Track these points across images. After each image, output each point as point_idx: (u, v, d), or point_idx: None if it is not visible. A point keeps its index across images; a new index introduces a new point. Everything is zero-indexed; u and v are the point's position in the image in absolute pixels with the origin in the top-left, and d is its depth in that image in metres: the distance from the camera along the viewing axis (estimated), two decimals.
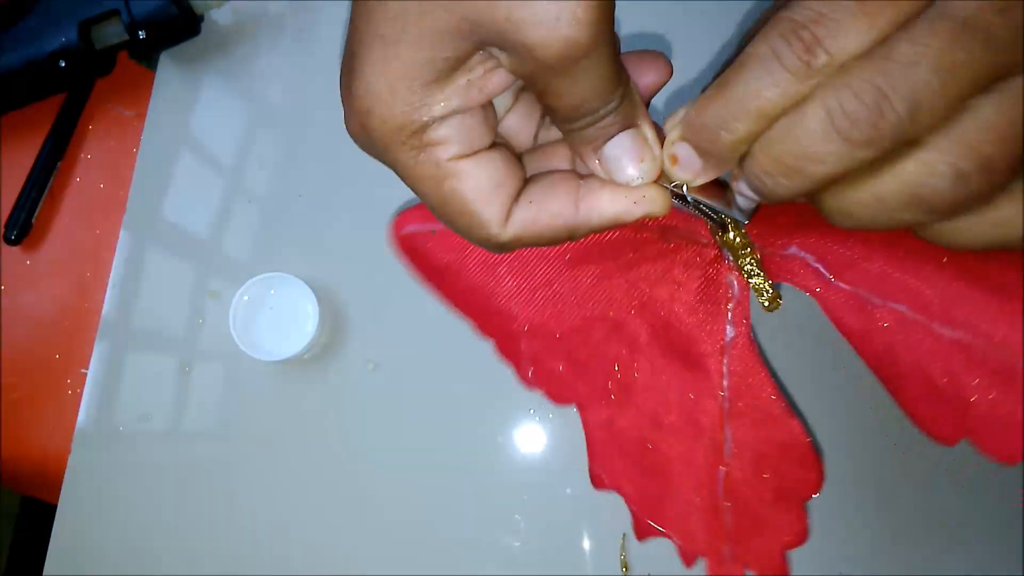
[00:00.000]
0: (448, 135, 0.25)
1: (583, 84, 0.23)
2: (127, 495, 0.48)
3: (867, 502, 0.46)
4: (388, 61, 0.23)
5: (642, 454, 0.39)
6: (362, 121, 0.25)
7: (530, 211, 0.26)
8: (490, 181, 0.26)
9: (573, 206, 0.26)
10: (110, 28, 0.50)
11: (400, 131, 0.24)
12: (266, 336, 0.47)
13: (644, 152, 0.25)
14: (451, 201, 0.25)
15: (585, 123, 0.25)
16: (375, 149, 0.26)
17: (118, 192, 0.53)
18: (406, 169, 0.25)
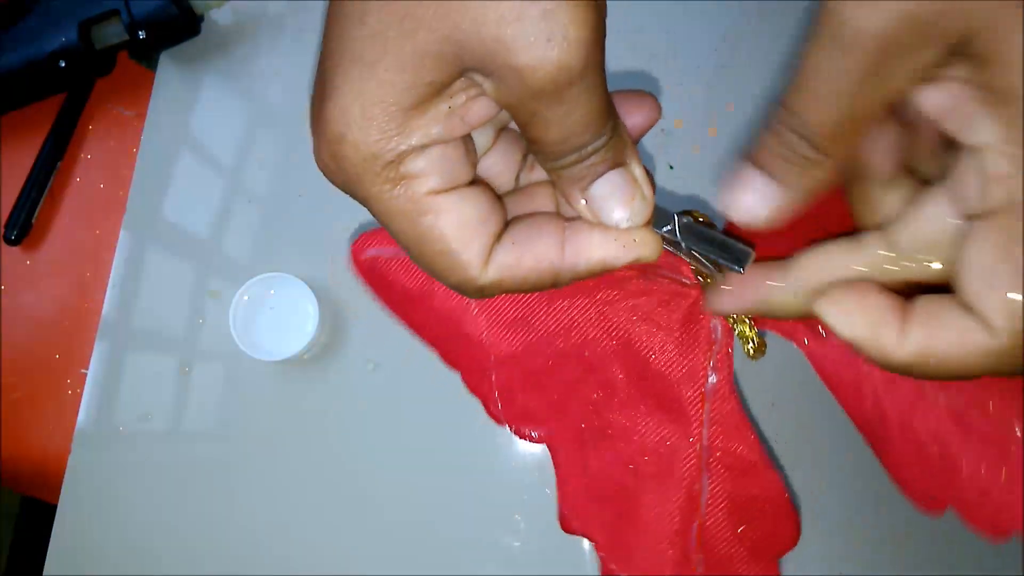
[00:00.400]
0: (426, 168, 0.23)
1: (572, 114, 0.22)
2: (127, 495, 0.48)
3: (867, 502, 0.46)
4: (364, 83, 0.22)
5: (615, 500, 0.37)
6: (333, 149, 0.23)
7: (512, 253, 0.24)
8: (471, 219, 0.24)
9: (558, 249, 0.24)
10: (110, 28, 0.50)
11: (374, 160, 0.23)
12: (266, 336, 0.47)
13: (634, 192, 0.24)
14: (428, 239, 0.23)
15: (572, 160, 0.23)
16: (346, 181, 0.24)
17: (118, 192, 0.53)
18: (379, 203, 0.23)
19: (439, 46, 0.21)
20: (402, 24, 0.21)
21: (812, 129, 0.21)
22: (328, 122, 0.23)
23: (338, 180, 0.24)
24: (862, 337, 0.23)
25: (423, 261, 0.24)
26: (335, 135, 0.23)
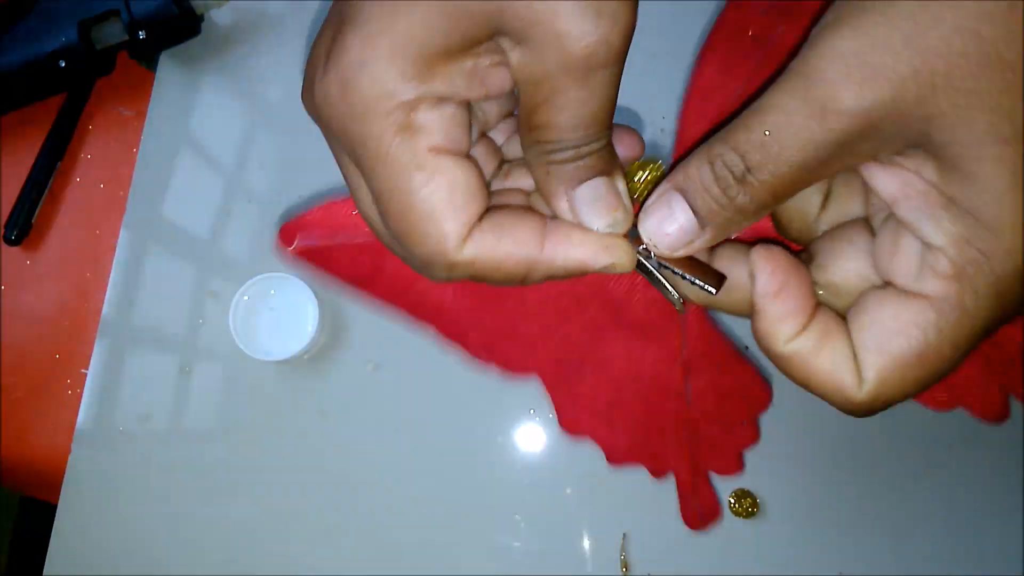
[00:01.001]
0: (435, 123, 0.22)
1: (589, 101, 0.22)
2: (127, 495, 0.48)
3: (867, 502, 0.46)
4: (398, 18, 0.21)
5: (608, 411, 0.41)
6: (346, 76, 0.22)
7: (492, 236, 0.23)
8: (462, 188, 0.23)
9: (539, 240, 0.24)
10: (110, 28, 0.50)
11: (388, 98, 0.22)
12: (266, 336, 0.47)
13: (618, 203, 0.24)
14: (414, 198, 0.22)
15: (569, 156, 0.23)
16: (346, 115, 0.22)
17: (118, 192, 0.53)
18: (374, 146, 0.22)
19: (483, 2, 0.21)
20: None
21: (756, 180, 0.21)
22: (347, 49, 0.22)
23: (335, 112, 0.22)
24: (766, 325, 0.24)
25: (399, 223, 0.23)
26: (353, 62, 0.21)
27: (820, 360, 0.23)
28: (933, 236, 0.21)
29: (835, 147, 0.20)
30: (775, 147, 0.21)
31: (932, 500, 0.46)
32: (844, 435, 0.47)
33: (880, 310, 0.22)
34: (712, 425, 0.43)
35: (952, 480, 0.46)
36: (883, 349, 0.22)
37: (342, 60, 0.22)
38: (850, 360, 0.23)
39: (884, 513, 0.46)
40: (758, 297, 0.24)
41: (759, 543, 0.46)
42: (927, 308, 0.21)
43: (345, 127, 0.22)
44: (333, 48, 0.22)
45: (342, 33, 0.22)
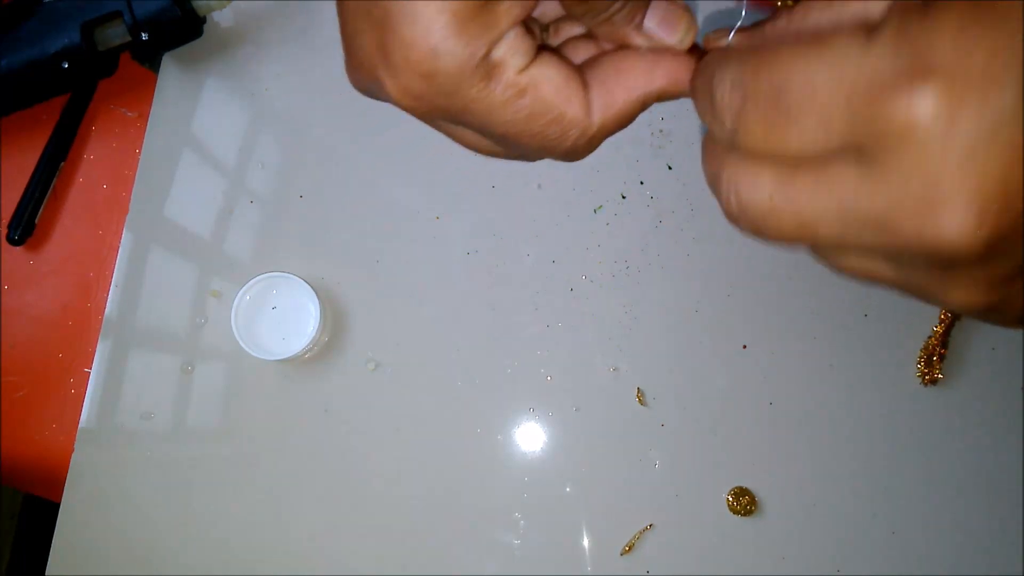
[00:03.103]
0: (509, 50, 0.23)
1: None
2: (130, 493, 0.48)
3: (866, 502, 0.46)
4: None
5: None
6: (425, 69, 0.22)
7: (605, 93, 0.25)
8: (561, 79, 0.24)
9: (646, 76, 0.25)
10: (113, 30, 0.50)
11: (469, 61, 0.22)
12: (268, 335, 0.48)
13: (679, 13, 0.26)
14: (536, 111, 0.24)
15: (620, 4, 0.25)
16: (441, 98, 0.23)
17: (121, 192, 0.53)
18: (480, 103, 0.23)
19: None
20: None
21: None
22: (412, 45, 0.22)
23: (429, 103, 0.23)
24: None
25: (534, 141, 0.25)
26: (425, 53, 0.22)
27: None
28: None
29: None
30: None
31: (932, 500, 0.46)
32: (843, 435, 0.47)
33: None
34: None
35: (952, 480, 0.46)
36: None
37: (411, 58, 0.22)
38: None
39: (883, 512, 0.46)
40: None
41: (758, 541, 0.46)
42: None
43: (442, 106, 0.23)
44: (389, 46, 0.22)
45: (391, 30, 0.22)
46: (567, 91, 0.24)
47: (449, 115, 0.24)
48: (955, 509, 0.46)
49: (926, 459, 0.47)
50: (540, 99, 0.24)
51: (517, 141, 0.25)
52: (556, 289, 0.49)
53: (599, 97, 0.25)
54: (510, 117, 0.24)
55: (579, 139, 0.25)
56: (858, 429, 0.47)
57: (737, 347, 0.48)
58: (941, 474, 0.46)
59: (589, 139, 0.25)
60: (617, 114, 0.25)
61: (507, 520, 0.47)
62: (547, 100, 0.24)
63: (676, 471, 0.47)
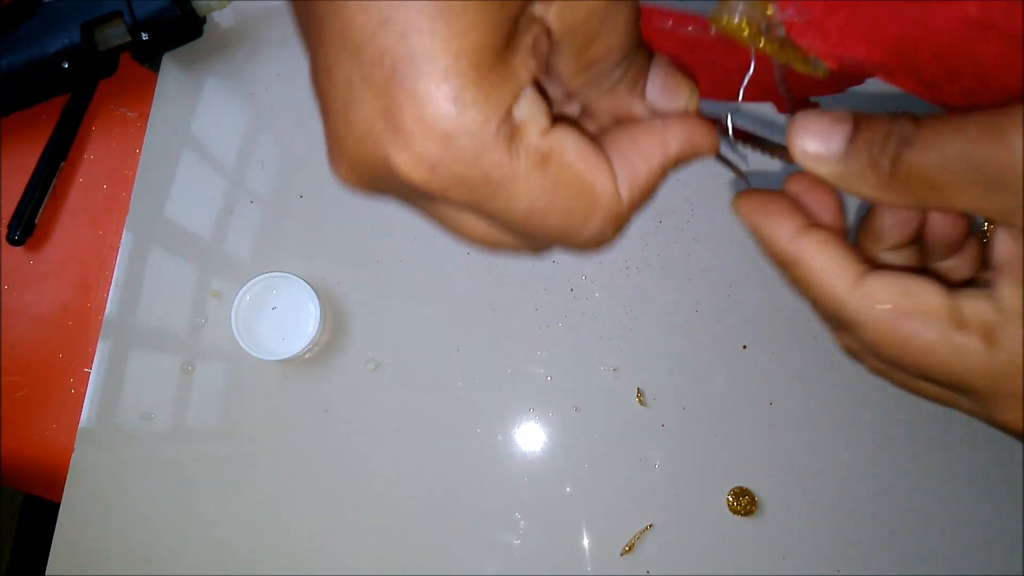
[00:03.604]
0: (530, 111, 0.21)
1: (629, 11, 0.22)
2: (130, 493, 0.48)
3: (866, 502, 0.46)
4: (449, 39, 0.18)
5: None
6: (444, 128, 0.19)
7: (627, 165, 0.23)
8: (586, 145, 0.22)
9: (661, 144, 0.24)
10: (113, 30, 0.50)
11: (492, 119, 0.19)
12: (268, 335, 0.48)
13: (680, 79, 0.25)
14: (562, 181, 0.21)
15: (623, 66, 0.23)
16: (461, 166, 0.20)
17: (121, 192, 0.53)
18: (503, 169, 0.20)
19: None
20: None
21: (907, 154, 0.23)
22: (427, 100, 0.18)
23: (446, 174, 0.20)
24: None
25: (556, 220, 0.22)
26: (443, 109, 0.19)
27: (820, 258, 0.25)
28: (1007, 299, 0.23)
29: (989, 180, 0.22)
30: (944, 140, 0.22)
31: (932, 500, 0.46)
32: (843, 435, 0.47)
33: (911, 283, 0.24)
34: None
35: (952, 480, 0.46)
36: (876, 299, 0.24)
37: (426, 113, 0.19)
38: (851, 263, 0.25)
39: (883, 512, 0.46)
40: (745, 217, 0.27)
41: (758, 541, 0.46)
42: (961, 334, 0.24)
43: (460, 177, 0.20)
44: (398, 108, 0.19)
45: (399, 87, 0.18)
46: (595, 159, 0.22)
47: (466, 190, 0.20)
48: (955, 509, 0.46)
49: (926, 459, 0.47)
50: (567, 166, 0.21)
51: (537, 222, 0.22)
52: (556, 289, 0.49)
53: (622, 169, 0.23)
54: (534, 189, 0.21)
55: (606, 220, 0.23)
56: (858, 429, 0.47)
57: (737, 347, 0.48)
58: (941, 474, 0.46)
59: (617, 218, 0.23)
60: (643, 187, 0.23)
61: (507, 520, 0.47)
62: (574, 169, 0.21)
63: (676, 471, 0.47)
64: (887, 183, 0.23)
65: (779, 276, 0.27)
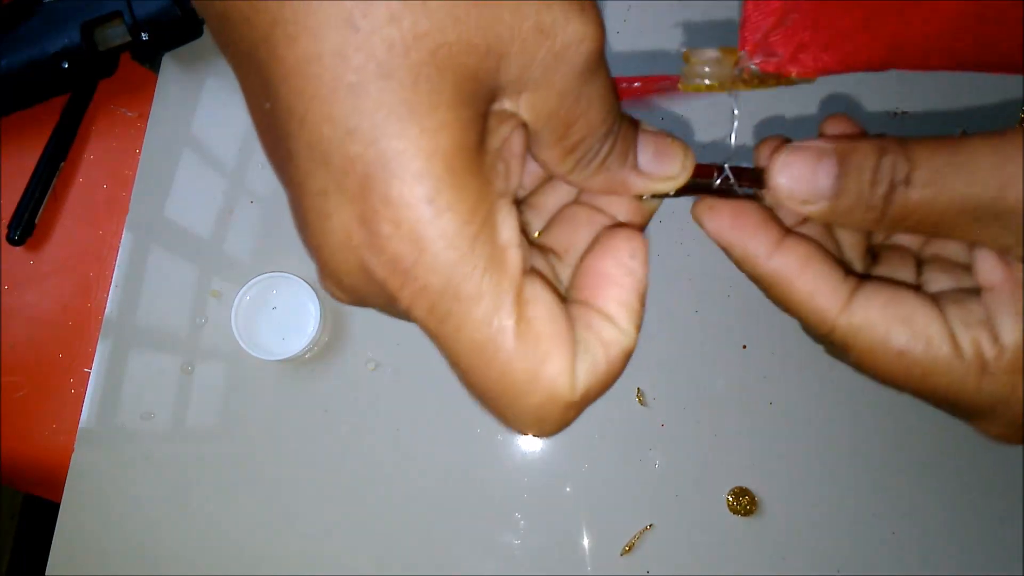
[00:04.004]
0: (511, 237, 0.19)
1: (605, 87, 0.21)
2: (130, 493, 0.48)
3: (866, 502, 0.46)
4: (427, 140, 0.17)
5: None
6: (420, 246, 0.18)
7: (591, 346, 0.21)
8: (557, 307, 0.20)
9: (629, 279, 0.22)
10: (113, 30, 0.50)
11: (466, 228, 0.18)
12: (268, 335, 0.48)
13: (673, 144, 0.24)
14: (521, 335, 0.19)
15: (610, 142, 0.22)
16: (430, 279, 0.18)
17: (121, 192, 0.53)
18: (470, 287, 0.18)
19: (480, 62, 0.18)
20: (437, 55, 0.17)
21: (908, 192, 0.22)
22: (401, 203, 0.17)
23: (419, 283, 0.18)
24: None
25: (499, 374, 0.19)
26: (416, 220, 0.17)
27: (802, 279, 0.24)
28: (1004, 328, 0.22)
29: (989, 218, 0.21)
30: (944, 181, 0.22)
31: (932, 500, 0.46)
32: (843, 435, 0.47)
33: (911, 307, 0.23)
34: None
35: (952, 480, 0.46)
36: (886, 337, 0.23)
37: (401, 217, 0.17)
38: (837, 283, 0.24)
39: (883, 512, 0.46)
40: (715, 236, 0.25)
41: (758, 541, 0.46)
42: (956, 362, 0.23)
43: (427, 287, 0.18)
44: (373, 214, 0.18)
45: (372, 193, 0.17)
46: (562, 329, 0.20)
47: (426, 302, 0.19)
48: (955, 509, 0.46)
49: (926, 459, 0.47)
50: (533, 322, 0.19)
51: (477, 365, 0.19)
52: None
53: (585, 352, 0.20)
54: (493, 328, 0.19)
55: (550, 404, 0.20)
56: (858, 429, 0.47)
57: (737, 347, 0.48)
58: (941, 474, 0.46)
59: (565, 408, 0.20)
60: (605, 376, 0.21)
61: (507, 520, 0.47)
62: (538, 330, 0.19)
63: (676, 471, 0.47)
64: (879, 219, 0.23)
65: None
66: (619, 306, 0.21)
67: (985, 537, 0.46)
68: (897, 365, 0.23)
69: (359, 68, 0.17)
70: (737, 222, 0.25)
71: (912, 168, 0.22)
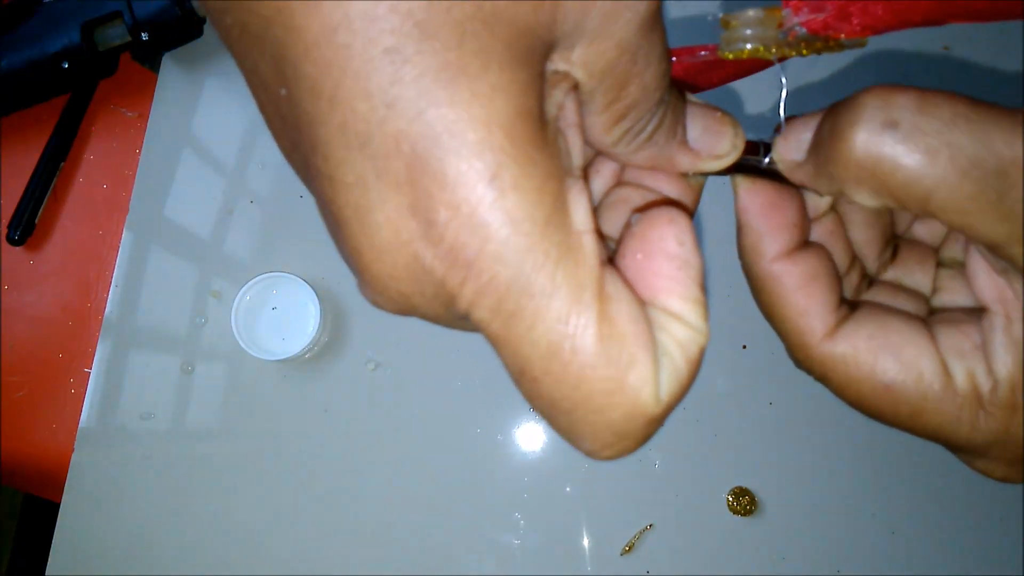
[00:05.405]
0: (587, 219, 0.17)
1: (662, 45, 0.18)
2: (130, 493, 0.48)
3: (866, 502, 0.46)
4: (483, 106, 0.15)
5: None
6: (484, 234, 0.15)
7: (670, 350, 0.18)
8: (638, 308, 0.17)
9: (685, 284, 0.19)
10: (113, 30, 0.50)
11: (536, 211, 0.16)
12: (268, 335, 0.48)
13: (723, 118, 0.22)
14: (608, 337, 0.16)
15: (660, 114, 0.20)
16: (496, 270, 0.16)
17: (121, 192, 0.53)
18: (543, 279, 0.16)
19: (534, 14, 0.16)
20: (484, 8, 0.15)
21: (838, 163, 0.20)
22: (459, 187, 0.15)
23: (483, 278, 0.16)
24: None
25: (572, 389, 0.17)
26: (477, 201, 0.15)
27: (797, 296, 0.22)
28: (998, 360, 0.20)
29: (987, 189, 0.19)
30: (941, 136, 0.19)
31: (932, 500, 0.46)
32: (843, 435, 0.47)
33: (899, 329, 0.21)
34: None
35: (952, 480, 0.46)
36: (872, 349, 0.21)
37: (461, 200, 0.15)
38: (829, 310, 0.22)
39: (883, 512, 0.46)
40: (740, 213, 0.23)
41: (757, 541, 0.46)
42: (950, 396, 0.21)
43: (494, 281, 0.16)
44: (428, 201, 0.15)
45: (423, 175, 0.15)
46: (644, 333, 0.17)
47: (492, 300, 0.16)
48: (955, 509, 0.46)
49: (926, 460, 0.47)
50: (616, 326, 0.17)
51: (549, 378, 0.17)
52: None
53: (665, 355, 0.18)
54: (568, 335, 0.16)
55: (633, 421, 0.17)
56: (858, 429, 0.47)
57: (737, 347, 0.48)
58: (941, 474, 0.46)
59: (648, 423, 0.18)
60: (686, 381, 0.19)
61: (507, 520, 0.47)
62: (622, 334, 0.17)
63: (676, 471, 0.47)
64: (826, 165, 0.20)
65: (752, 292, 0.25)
66: (684, 301, 0.19)
67: (985, 537, 0.46)
68: (885, 401, 0.21)
69: (395, 30, 0.14)
70: (768, 211, 0.22)
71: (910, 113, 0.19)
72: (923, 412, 0.21)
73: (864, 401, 0.22)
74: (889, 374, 0.21)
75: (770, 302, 0.23)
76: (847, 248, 0.25)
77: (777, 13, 0.23)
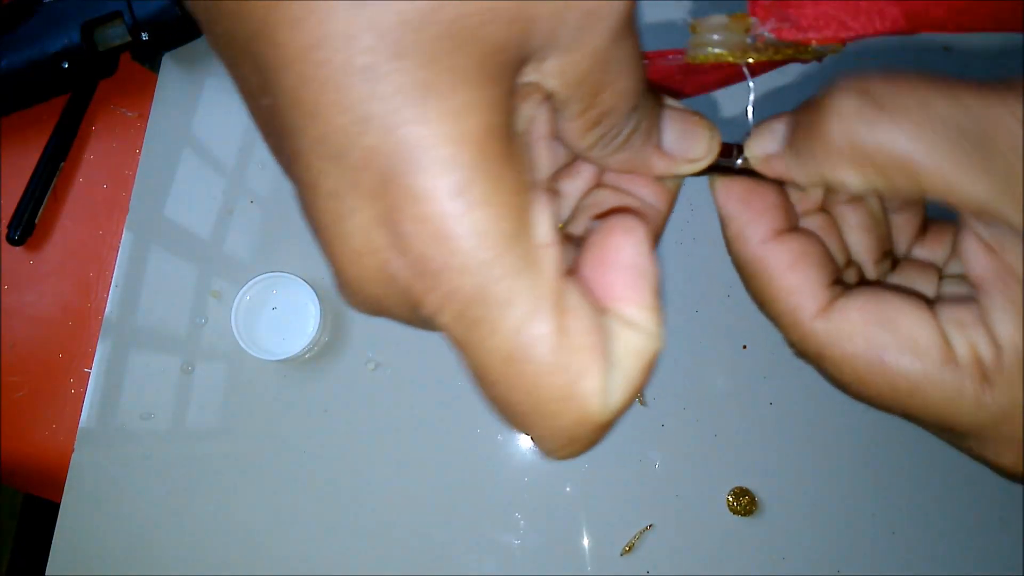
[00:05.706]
0: (550, 233, 0.17)
1: (635, 52, 0.19)
2: (130, 493, 0.48)
3: (866, 502, 0.46)
4: (452, 124, 0.15)
5: None
6: (449, 246, 0.16)
7: (620, 358, 0.19)
8: (594, 315, 0.18)
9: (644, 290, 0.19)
10: (113, 30, 0.50)
11: (500, 224, 0.16)
12: (268, 335, 0.48)
13: (699, 121, 0.22)
14: (563, 347, 0.17)
15: (635, 118, 0.20)
16: (459, 281, 0.16)
17: (121, 192, 0.53)
18: (502, 288, 0.16)
19: (506, 31, 0.16)
20: (454, 28, 0.15)
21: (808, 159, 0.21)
22: (426, 202, 0.15)
23: (448, 287, 0.16)
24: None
25: (526, 389, 0.17)
26: (443, 215, 0.16)
27: (787, 275, 0.22)
28: (1000, 325, 0.20)
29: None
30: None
31: (932, 500, 0.46)
32: (843, 435, 0.47)
33: (898, 308, 0.21)
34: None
35: (952, 480, 0.46)
36: (869, 338, 0.21)
37: (427, 213, 0.16)
38: (821, 287, 0.22)
39: (883, 512, 0.46)
40: (720, 206, 0.23)
41: (758, 541, 0.46)
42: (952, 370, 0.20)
43: (457, 291, 0.16)
44: (397, 213, 0.16)
45: (393, 188, 0.16)
46: (599, 340, 0.18)
47: (455, 308, 0.17)
48: (955, 509, 0.46)
49: (926, 459, 0.47)
50: (571, 333, 0.17)
51: (506, 378, 0.17)
52: None
53: (616, 363, 0.18)
54: (523, 344, 0.17)
55: (581, 424, 0.18)
56: (858, 429, 0.47)
57: (737, 347, 0.48)
58: (941, 474, 0.46)
59: (595, 429, 0.18)
60: (637, 388, 0.19)
61: (507, 520, 0.47)
62: (577, 340, 0.17)
63: (676, 471, 0.47)
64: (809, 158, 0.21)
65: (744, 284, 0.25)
66: (639, 309, 0.19)
67: (985, 537, 0.46)
68: (880, 378, 0.21)
69: (371, 48, 0.15)
70: (747, 197, 0.23)
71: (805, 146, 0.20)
72: (923, 388, 0.20)
73: (861, 380, 0.21)
74: (885, 347, 0.20)
75: (760, 286, 0.23)
76: (841, 245, 0.25)
77: (744, 19, 0.23)
